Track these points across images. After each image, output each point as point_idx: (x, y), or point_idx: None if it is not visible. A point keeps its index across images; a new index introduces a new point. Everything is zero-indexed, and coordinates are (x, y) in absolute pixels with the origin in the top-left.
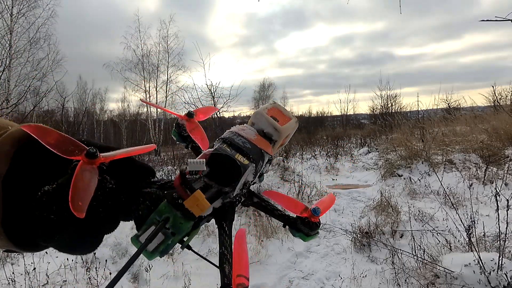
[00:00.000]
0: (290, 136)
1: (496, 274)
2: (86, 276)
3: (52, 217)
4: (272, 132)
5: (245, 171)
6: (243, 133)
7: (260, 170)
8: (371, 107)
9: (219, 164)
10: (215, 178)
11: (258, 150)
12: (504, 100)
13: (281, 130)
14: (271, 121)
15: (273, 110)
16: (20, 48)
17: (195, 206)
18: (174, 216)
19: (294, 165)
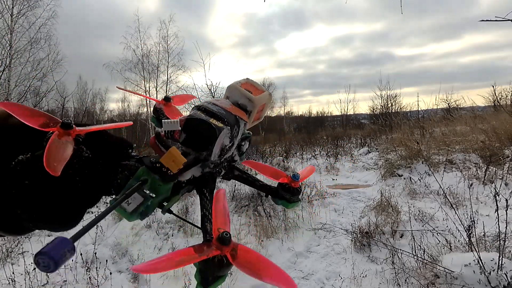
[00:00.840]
0: (266, 109)
1: (496, 274)
2: (86, 276)
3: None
4: (246, 103)
5: (220, 133)
6: (218, 102)
7: (237, 136)
8: (371, 107)
9: (194, 128)
10: (192, 144)
11: (232, 116)
12: (504, 100)
13: (254, 100)
14: (245, 92)
15: (247, 84)
16: (20, 48)
17: (171, 162)
18: (152, 179)
19: (294, 165)
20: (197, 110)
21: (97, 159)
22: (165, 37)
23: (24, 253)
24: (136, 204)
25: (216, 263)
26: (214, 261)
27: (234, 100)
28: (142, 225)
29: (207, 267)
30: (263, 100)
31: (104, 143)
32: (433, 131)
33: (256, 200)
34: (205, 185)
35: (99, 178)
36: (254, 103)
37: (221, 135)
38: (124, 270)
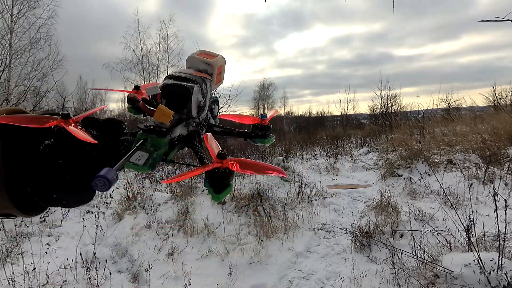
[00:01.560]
0: (223, 71)
1: (496, 274)
2: (86, 276)
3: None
4: (206, 67)
5: (192, 90)
6: (183, 70)
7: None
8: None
9: (171, 92)
10: (172, 106)
11: (198, 77)
12: (504, 100)
13: (211, 63)
14: (202, 58)
15: (202, 53)
16: (20, 48)
17: (162, 116)
18: (151, 138)
19: (294, 165)
20: (168, 79)
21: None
22: (165, 37)
23: (24, 253)
24: (145, 159)
25: (220, 173)
26: (219, 172)
27: (195, 68)
28: (142, 225)
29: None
30: (219, 62)
31: (99, 125)
32: (433, 131)
33: (256, 200)
34: (194, 140)
35: (108, 152)
36: (212, 65)
37: (194, 91)
38: (124, 270)
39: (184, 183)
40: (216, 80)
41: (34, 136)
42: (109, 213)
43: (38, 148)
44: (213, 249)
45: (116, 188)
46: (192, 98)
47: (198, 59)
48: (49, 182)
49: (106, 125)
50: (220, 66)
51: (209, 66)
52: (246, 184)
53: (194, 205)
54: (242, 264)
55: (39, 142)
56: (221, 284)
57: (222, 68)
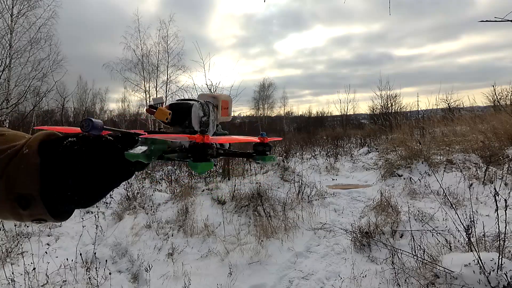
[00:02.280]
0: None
1: (496, 274)
2: (86, 276)
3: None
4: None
5: (193, 105)
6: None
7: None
8: (371, 107)
9: (176, 107)
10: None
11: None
12: (504, 100)
13: (217, 96)
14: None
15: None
16: (20, 48)
17: (160, 114)
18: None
19: (294, 165)
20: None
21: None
22: (165, 37)
23: (24, 253)
24: (143, 150)
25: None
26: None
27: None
28: (142, 225)
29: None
30: (224, 97)
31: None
32: (433, 131)
33: (256, 200)
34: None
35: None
36: (217, 98)
37: (194, 106)
38: (124, 270)
39: (184, 183)
40: (222, 112)
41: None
42: (109, 213)
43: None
44: (213, 249)
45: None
46: (192, 112)
47: (206, 95)
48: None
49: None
50: (226, 101)
51: (214, 99)
52: (246, 184)
53: (194, 205)
54: (242, 264)
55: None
56: (221, 284)
57: (228, 104)
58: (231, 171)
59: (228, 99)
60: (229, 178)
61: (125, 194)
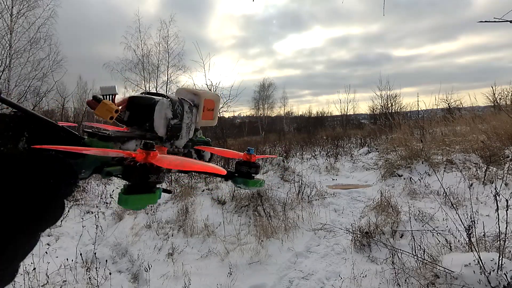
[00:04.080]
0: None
1: (496, 274)
2: (86, 276)
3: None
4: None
5: (158, 101)
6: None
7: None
8: (371, 107)
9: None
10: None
11: (175, 97)
12: (504, 100)
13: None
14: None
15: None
16: (20, 48)
17: (104, 110)
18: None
19: (294, 165)
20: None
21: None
22: (166, 37)
23: None
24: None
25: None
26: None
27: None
28: (142, 225)
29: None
30: (209, 96)
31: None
32: (433, 131)
33: (256, 200)
34: None
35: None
36: (199, 96)
37: (160, 103)
38: (124, 270)
39: (184, 183)
40: (203, 114)
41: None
42: (109, 213)
43: None
44: (213, 249)
45: (116, 188)
46: (156, 110)
47: (186, 90)
48: None
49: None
50: (211, 101)
51: (196, 96)
52: None
53: (194, 205)
54: (242, 264)
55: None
56: (221, 284)
57: (213, 105)
58: None
59: (213, 98)
60: None
61: None
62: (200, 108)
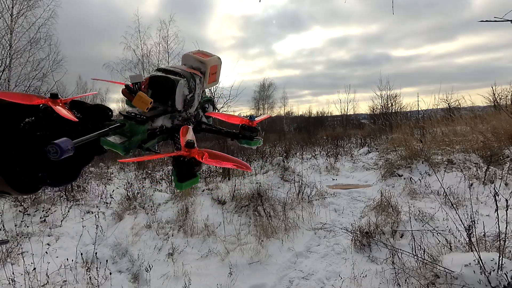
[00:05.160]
0: (219, 71)
1: (496, 274)
2: (86, 276)
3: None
4: (199, 65)
5: (178, 83)
6: (174, 66)
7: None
8: (371, 107)
9: (157, 83)
10: (157, 98)
11: (187, 72)
12: (504, 100)
13: (205, 61)
14: (197, 57)
15: (198, 53)
16: (20, 48)
17: (140, 102)
18: (130, 124)
19: (294, 165)
20: (157, 71)
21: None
22: (165, 37)
23: (24, 253)
24: (122, 140)
25: (185, 162)
26: (185, 161)
27: (189, 65)
28: (142, 225)
29: (179, 166)
30: (213, 62)
31: (86, 109)
32: (433, 131)
33: (256, 200)
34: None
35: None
36: (205, 64)
37: (179, 85)
38: (124, 270)
39: None
40: (209, 79)
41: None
42: (109, 213)
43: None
44: (213, 249)
45: (116, 188)
46: (177, 91)
47: (192, 57)
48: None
49: (93, 110)
50: (215, 66)
51: (202, 64)
52: (246, 184)
53: (194, 205)
54: (242, 264)
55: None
56: (221, 284)
57: (217, 69)
58: (231, 171)
59: (217, 63)
60: (229, 178)
61: (125, 194)
62: (206, 75)
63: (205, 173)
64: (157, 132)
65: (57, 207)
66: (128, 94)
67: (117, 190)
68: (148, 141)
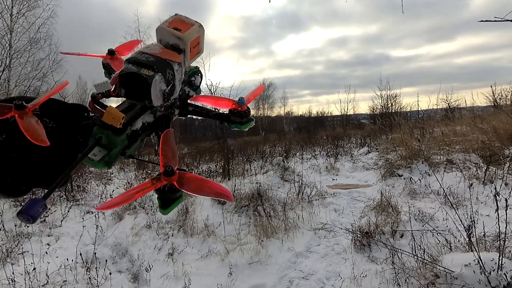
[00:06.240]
0: (202, 41)
1: (496, 274)
2: (86, 276)
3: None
4: (177, 42)
5: (152, 81)
6: (147, 50)
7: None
8: (371, 107)
9: (129, 82)
10: (134, 95)
11: (162, 61)
12: (504, 100)
13: (183, 37)
14: (172, 31)
15: (175, 21)
16: (20, 48)
17: (111, 119)
18: (106, 134)
19: (294, 165)
20: (128, 64)
21: (61, 125)
22: None
23: (24, 253)
24: (101, 155)
25: (167, 191)
26: (165, 189)
27: (166, 42)
28: (142, 225)
29: (162, 194)
30: (192, 35)
31: (61, 110)
32: (433, 131)
33: (256, 200)
34: (161, 128)
35: (67, 142)
36: (184, 40)
37: (154, 82)
38: (124, 270)
39: None
40: (191, 54)
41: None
42: (109, 213)
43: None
44: (213, 249)
45: (116, 188)
46: (152, 90)
47: (168, 32)
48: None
49: (69, 110)
50: (196, 38)
51: (180, 41)
52: (246, 184)
53: (194, 205)
54: (242, 264)
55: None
56: (221, 284)
57: (199, 39)
58: (231, 171)
59: (198, 34)
60: (229, 178)
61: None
62: (187, 53)
63: (205, 173)
64: (139, 131)
65: (57, 207)
66: (96, 109)
67: (117, 190)
68: (130, 146)
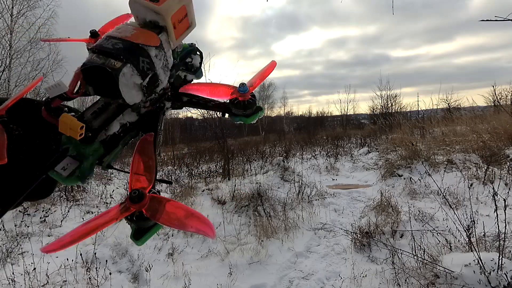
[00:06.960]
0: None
1: (496, 274)
2: (86, 276)
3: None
4: (155, 17)
5: (119, 76)
6: (117, 33)
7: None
8: (371, 107)
9: (96, 77)
10: (106, 92)
11: (133, 46)
12: (504, 100)
13: (160, 10)
14: (147, 4)
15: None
16: (20, 48)
17: (68, 130)
18: (75, 144)
19: (294, 165)
20: (92, 54)
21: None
22: None
23: (24, 253)
24: (72, 169)
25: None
26: (133, 219)
27: (142, 19)
28: None
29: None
30: (173, 6)
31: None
32: (433, 131)
33: (256, 200)
34: (148, 127)
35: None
36: (162, 14)
37: (121, 77)
38: (124, 270)
39: (185, 183)
40: (178, 31)
41: None
42: None
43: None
44: (213, 249)
45: (116, 188)
46: (121, 86)
47: (142, 6)
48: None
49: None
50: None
51: (158, 16)
52: (246, 184)
53: (194, 205)
54: (242, 264)
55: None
56: (221, 284)
57: (186, 10)
58: (231, 171)
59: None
60: (229, 178)
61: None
62: (169, 30)
63: (205, 174)
64: (120, 134)
65: (57, 207)
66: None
67: (117, 190)
68: (108, 153)
